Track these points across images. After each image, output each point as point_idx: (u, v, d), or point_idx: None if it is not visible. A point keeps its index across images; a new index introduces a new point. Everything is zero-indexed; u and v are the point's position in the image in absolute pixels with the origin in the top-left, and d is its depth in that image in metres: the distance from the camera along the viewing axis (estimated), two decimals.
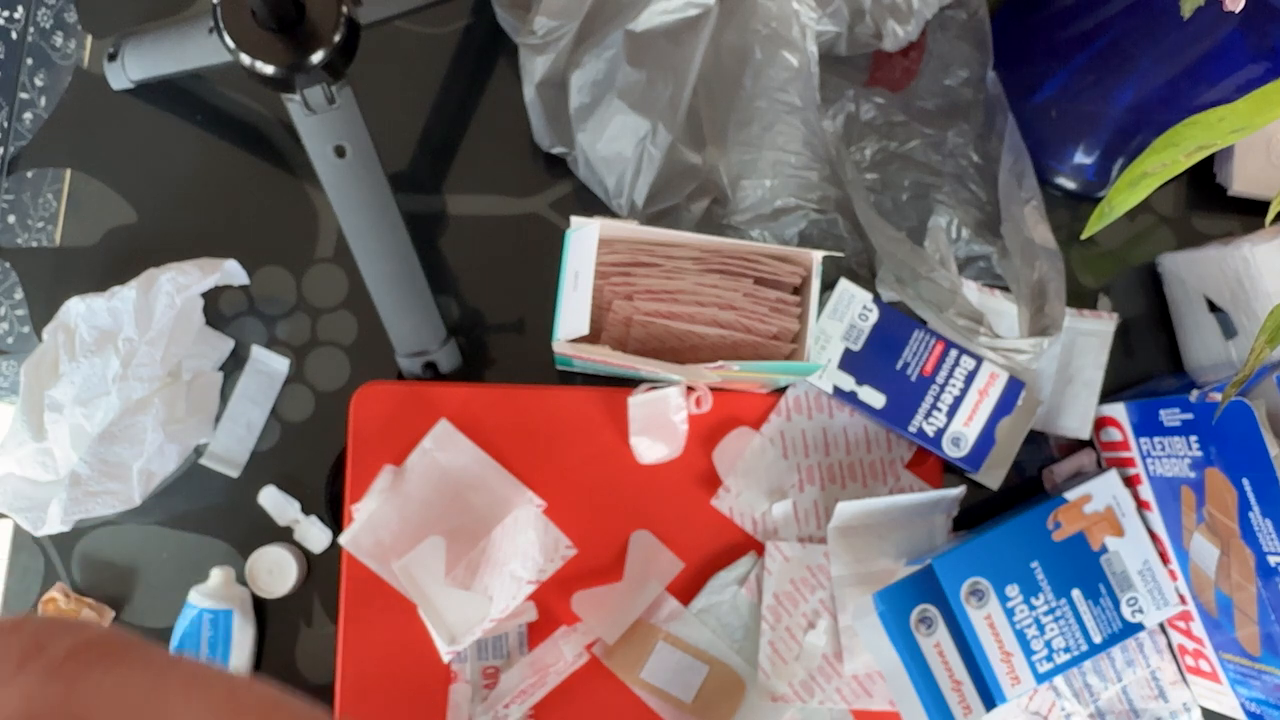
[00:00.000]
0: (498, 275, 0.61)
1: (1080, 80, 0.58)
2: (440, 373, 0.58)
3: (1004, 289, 0.60)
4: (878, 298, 0.58)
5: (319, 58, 0.49)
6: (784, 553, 0.57)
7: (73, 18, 0.63)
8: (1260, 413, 0.47)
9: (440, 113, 0.63)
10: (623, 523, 0.58)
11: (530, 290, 0.60)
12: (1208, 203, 0.64)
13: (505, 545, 0.55)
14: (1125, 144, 0.60)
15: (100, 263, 0.61)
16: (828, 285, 0.58)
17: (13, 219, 0.61)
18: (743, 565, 0.58)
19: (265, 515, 0.58)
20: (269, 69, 0.49)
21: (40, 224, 0.61)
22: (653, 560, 0.57)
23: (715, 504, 0.58)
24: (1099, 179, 0.62)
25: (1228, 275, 0.55)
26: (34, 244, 0.61)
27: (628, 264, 0.53)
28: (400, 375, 0.59)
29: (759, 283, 0.54)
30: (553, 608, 0.57)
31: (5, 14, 0.63)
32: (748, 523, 0.58)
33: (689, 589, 0.58)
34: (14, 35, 0.63)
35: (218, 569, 0.57)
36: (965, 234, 0.60)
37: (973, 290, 0.59)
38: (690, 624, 0.57)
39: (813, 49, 0.55)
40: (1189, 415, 0.51)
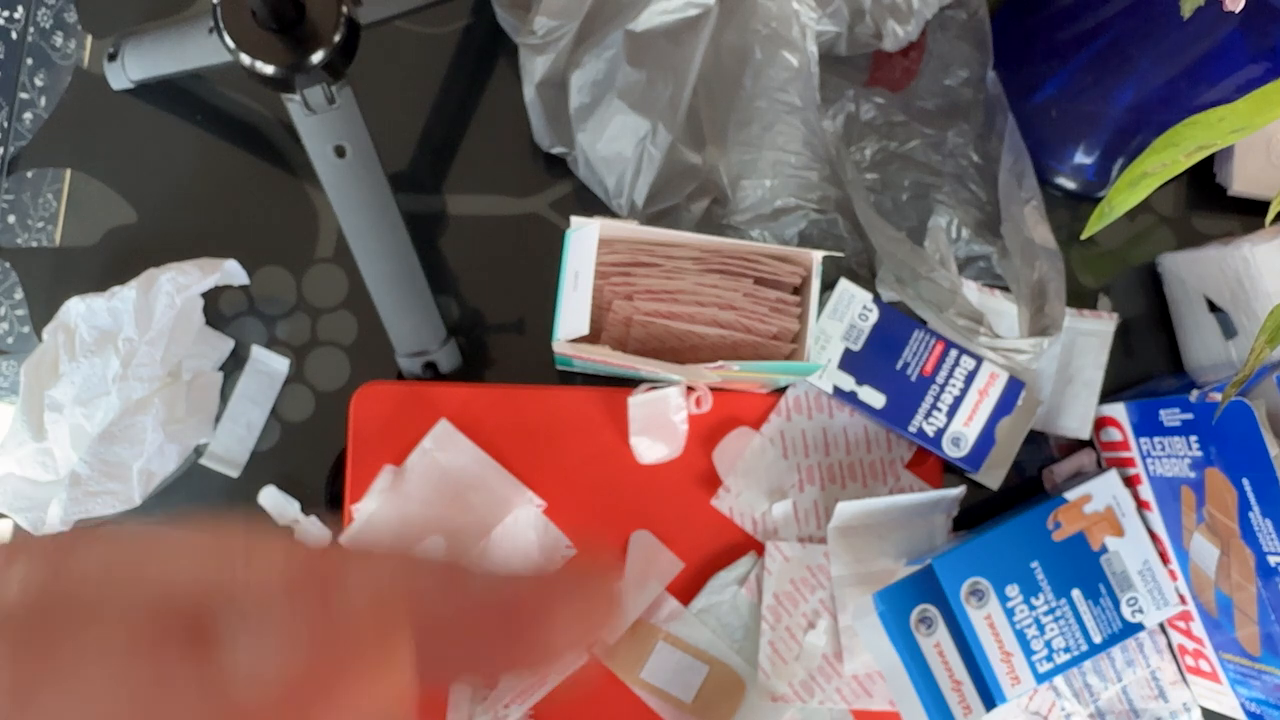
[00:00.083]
0: (498, 275, 0.61)
1: (1080, 80, 0.58)
2: (440, 373, 0.58)
3: (1004, 289, 0.60)
4: (878, 298, 0.58)
5: (319, 58, 0.49)
6: (784, 553, 0.57)
7: (73, 18, 0.63)
8: (1260, 413, 0.47)
9: (440, 113, 0.63)
10: (623, 523, 0.58)
11: (530, 290, 0.60)
12: (1208, 203, 0.64)
13: (505, 545, 0.55)
14: (1125, 144, 0.60)
15: (100, 263, 0.61)
16: (828, 285, 0.58)
17: (13, 219, 0.61)
18: (743, 565, 0.58)
19: (265, 515, 0.59)
20: (269, 69, 0.49)
21: (40, 224, 0.61)
22: (653, 560, 0.57)
23: (715, 504, 0.58)
24: (1099, 179, 0.62)
25: (1228, 275, 0.55)
26: (34, 244, 0.61)
27: (628, 264, 0.53)
28: (400, 375, 0.59)
29: (759, 283, 0.54)
30: None
31: (5, 14, 0.63)
32: (748, 523, 0.58)
33: (689, 589, 0.58)
34: (14, 35, 0.63)
35: None
36: (965, 234, 0.60)
37: (973, 290, 0.59)
38: (690, 624, 0.57)
39: (813, 49, 0.55)
40: (1189, 415, 0.51)
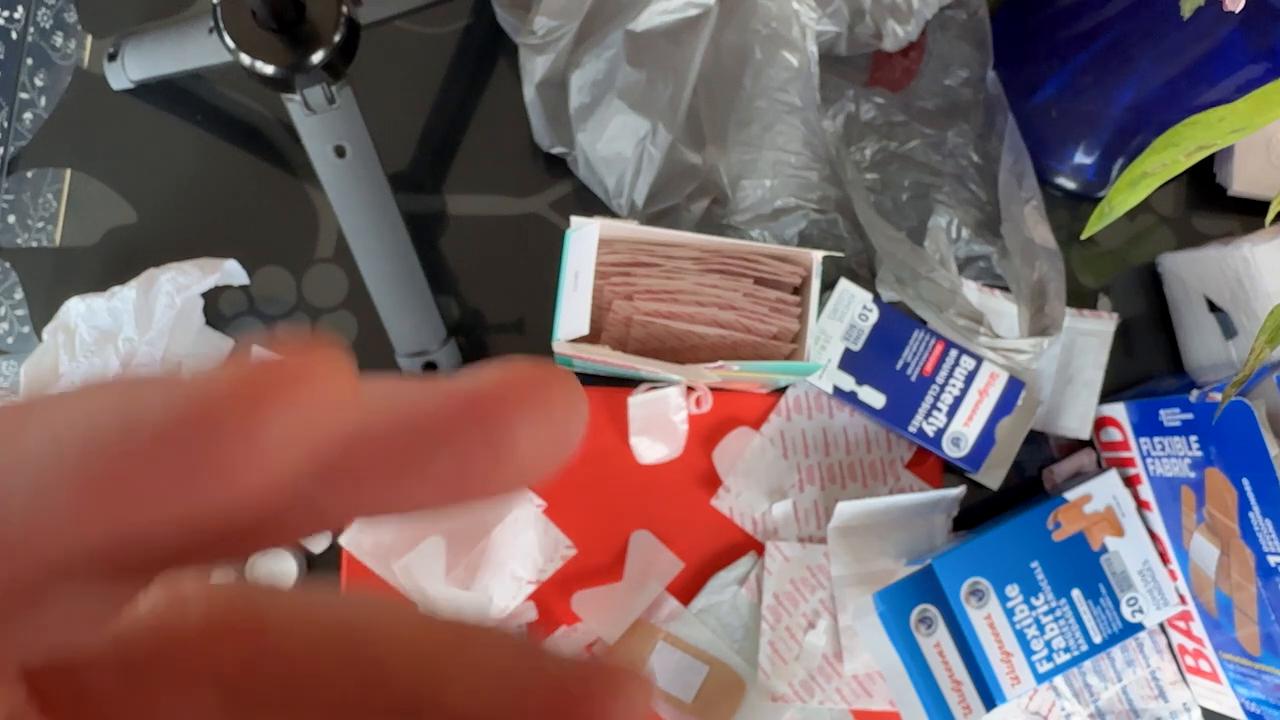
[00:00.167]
0: (498, 275, 0.61)
1: (1080, 80, 0.58)
2: (440, 373, 0.58)
3: (1004, 289, 0.60)
4: (878, 298, 0.58)
5: (319, 58, 0.49)
6: (784, 553, 0.57)
7: (73, 18, 0.63)
8: (1260, 413, 0.47)
9: (440, 113, 0.63)
10: (623, 523, 0.58)
11: (530, 290, 0.60)
12: (1208, 203, 0.64)
13: (505, 545, 0.55)
14: (1125, 144, 0.60)
15: (100, 263, 0.61)
16: (828, 285, 0.58)
17: (13, 219, 0.61)
18: (743, 565, 0.58)
19: None
20: (269, 69, 0.49)
21: (40, 224, 0.61)
22: (653, 560, 0.57)
23: (715, 504, 0.58)
24: (1099, 179, 0.62)
25: (1228, 275, 0.55)
26: (34, 244, 0.61)
27: (628, 264, 0.53)
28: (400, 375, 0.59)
29: (759, 283, 0.54)
30: (553, 608, 0.57)
31: (5, 14, 0.63)
32: (748, 523, 0.58)
33: (689, 589, 0.58)
34: (14, 35, 0.63)
35: (219, 569, 0.57)
36: (965, 234, 0.60)
37: (973, 290, 0.59)
38: (690, 624, 0.57)
39: (813, 49, 0.55)
40: (1189, 415, 0.51)
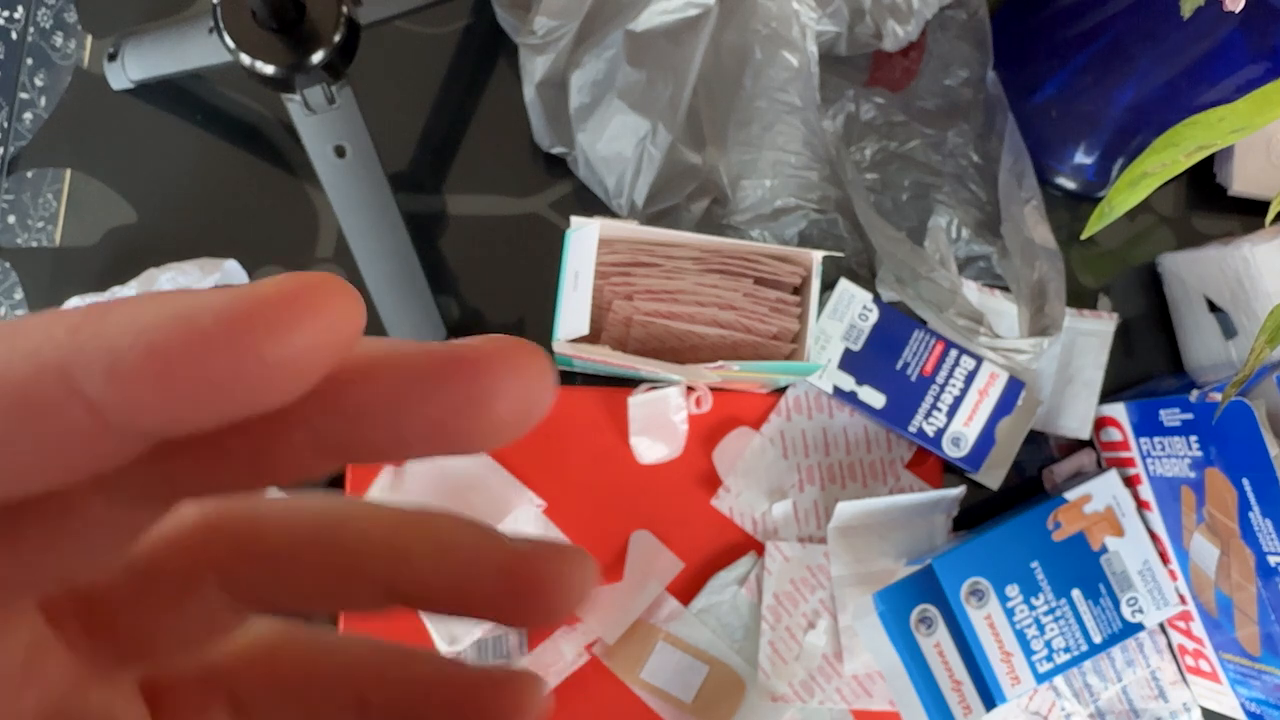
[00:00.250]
0: (498, 275, 0.61)
1: (1080, 80, 0.58)
2: None
3: (1004, 289, 0.60)
4: (878, 298, 0.58)
5: (319, 58, 0.49)
6: (784, 553, 0.57)
7: (73, 18, 0.63)
8: (1260, 413, 0.47)
9: (440, 113, 0.63)
10: (623, 523, 0.58)
11: (530, 290, 0.60)
12: (1208, 203, 0.64)
13: None
14: (1125, 144, 0.60)
15: (100, 263, 0.61)
16: (828, 285, 0.58)
17: (13, 219, 0.61)
18: (743, 565, 0.58)
19: None
20: (269, 69, 0.49)
21: (40, 224, 0.61)
22: (653, 560, 0.57)
23: (715, 504, 0.58)
24: (1099, 179, 0.62)
25: (1228, 275, 0.55)
26: (34, 244, 0.61)
27: (628, 264, 0.53)
28: None
29: (759, 283, 0.54)
30: None
31: (5, 14, 0.63)
32: (748, 523, 0.58)
33: (689, 589, 0.58)
34: (14, 35, 0.63)
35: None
36: (965, 234, 0.60)
37: (973, 290, 0.59)
38: (690, 624, 0.57)
39: (813, 49, 0.55)
40: (1189, 415, 0.51)
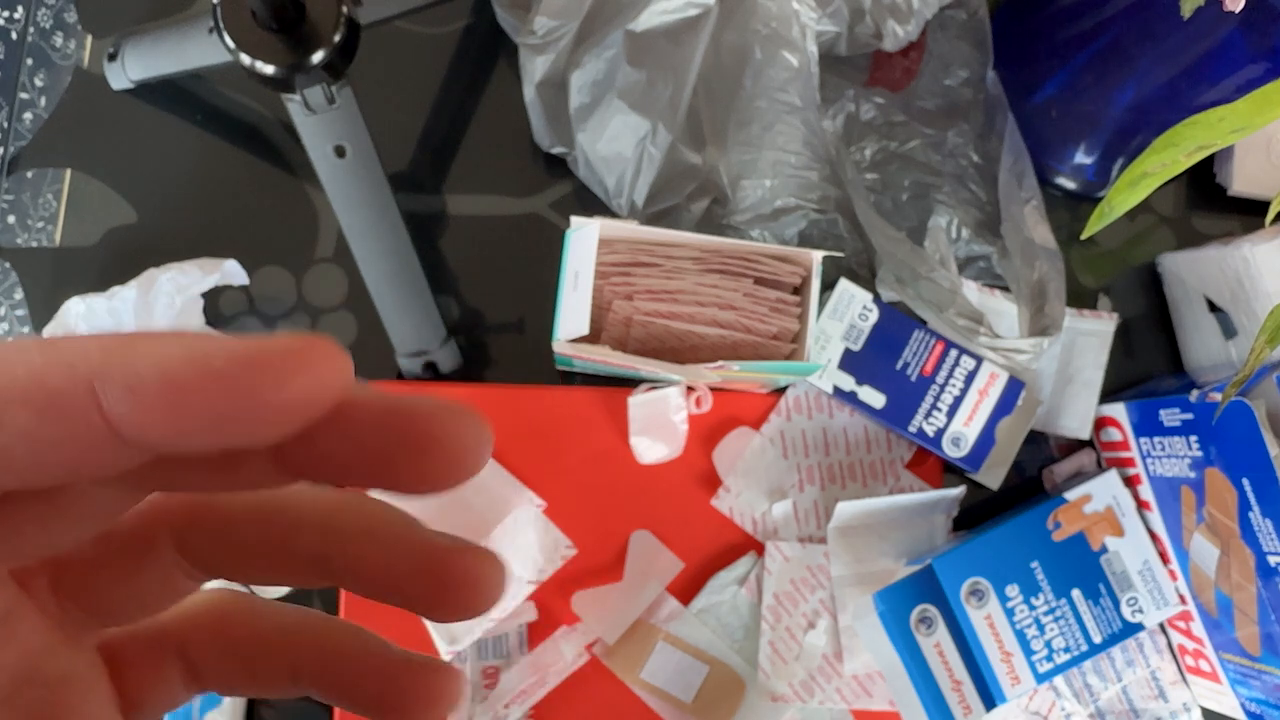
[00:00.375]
0: (498, 275, 0.61)
1: (1080, 80, 0.58)
2: (440, 373, 0.58)
3: (1004, 289, 0.60)
4: (878, 298, 0.58)
5: (319, 58, 0.49)
6: (784, 553, 0.57)
7: (73, 18, 0.63)
8: (1260, 413, 0.47)
9: (440, 113, 0.63)
10: (623, 523, 0.58)
11: (530, 290, 0.60)
12: (1208, 203, 0.64)
13: (505, 545, 0.55)
14: (1125, 144, 0.60)
15: (100, 263, 0.61)
16: (828, 285, 0.58)
17: (13, 219, 0.61)
18: (743, 565, 0.58)
19: None
20: (269, 69, 0.49)
21: (40, 224, 0.61)
22: (653, 560, 0.57)
23: (715, 504, 0.58)
24: (1099, 179, 0.62)
25: (1228, 275, 0.55)
26: (34, 244, 0.61)
27: (628, 264, 0.53)
28: (400, 375, 0.59)
29: (759, 283, 0.54)
30: (553, 608, 0.57)
31: (5, 14, 0.63)
32: (748, 523, 0.58)
33: (689, 589, 0.58)
34: (14, 35, 0.63)
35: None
36: (965, 234, 0.60)
37: (973, 290, 0.59)
38: (690, 624, 0.57)
39: (813, 49, 0.55)
40: (1189, 415, 0.51)
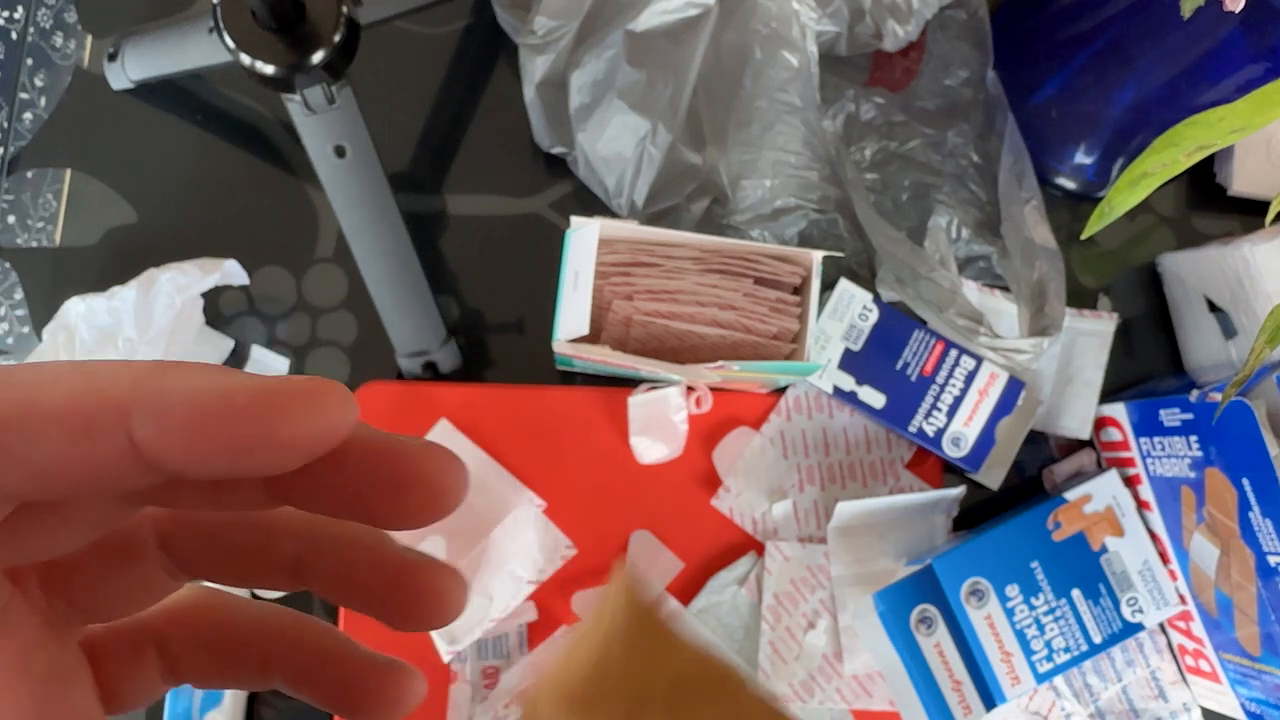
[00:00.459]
0: (498, 275, 0.61)
1: (1080, 80, 0.58)
2: (440, 373, 0.58)
3: (1004, 289, 0.60)
4: (878, 298, 0.58)
5: (319, 58, 0.49)
6: (784, 553, 0.57)
7: (73, 18, 0.63)
8: (1260, 413, 0.47)
9: (440, 113, 0.63)
10: (623, 523, 0.58)
11: (530, 290, 0.60)
12: (1208, 203, 0.64)
13: (505, 545, 0.55)
14: (1125, 144, 0.60)
15: (100, 263, 0.61)
16: (828, 285, 0.58)
17: (13, 219, 0.61)
18: (743, 565, 0.58)
19: None
20: (269, 69, 0.49)
21: (40, 224, 0.61)
22: (653, 560, 0.57)
23: (715, 504, 0.58)
24: (1099, 179, 0.62)
25: (1228, 275, 0.55)
26: (34, 244, 0.61)
27: (628, 264, 0.53)
28: (400, 375, 0.59)
29: (759, 283, 0.54)
30: (553, 608, 0.57)
31: (5, 14, 0.63)
32: (748, 523, 0.58)
33: (689, 589, 0.58)
34: (14, 35, 0.63)
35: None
36: (965, 234, 0.60)
37: (973, 290, 0.59)
38: (690, 624, 0.57)
39: (813, 49, 0.55)
40: (1189, 415, 0.51)
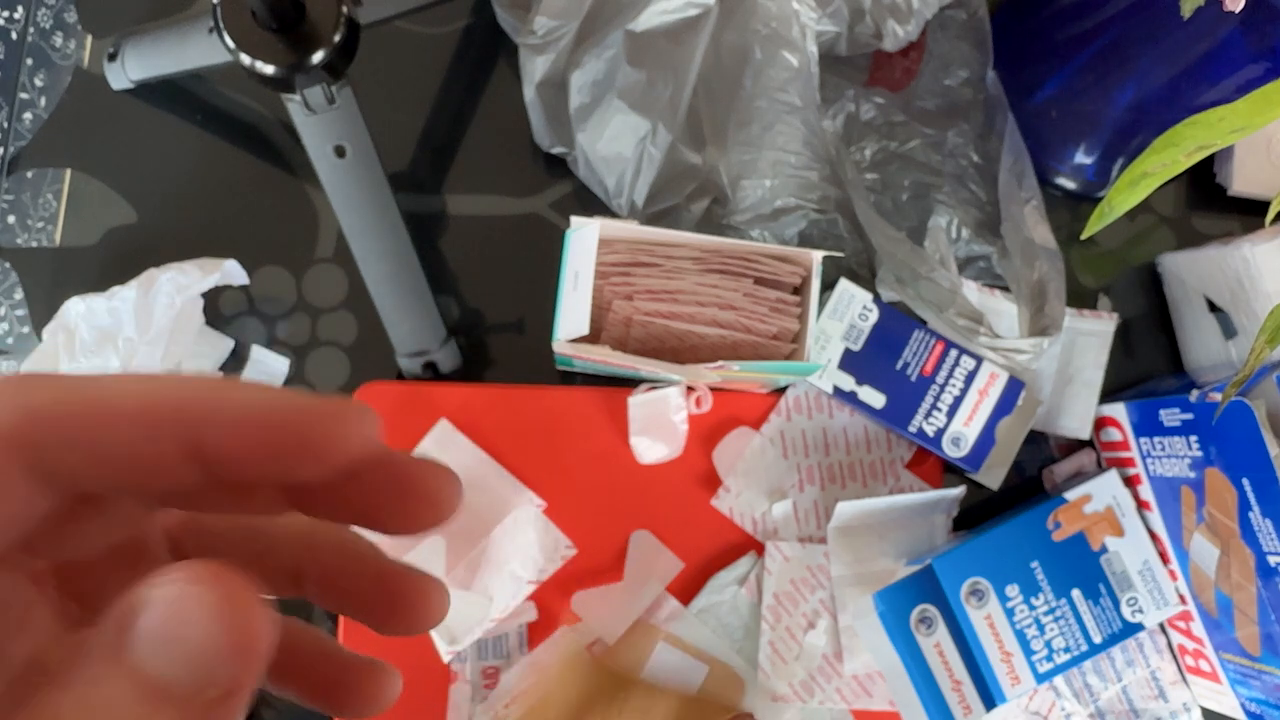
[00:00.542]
0: (498, 275, 0.61)
1: (1080, 80, 0.58)
2: (440, 373, 0.58)
3: (1004, 289, 0.60)
4: (878, 298, 0.58)
5: (319, 58, 0.49)
6: (784, 553, 0.57)
7: (73, 18, 0.63)
8: (1260, 413, 0.47)
9: (440, 113, 0.63)
10: (623, 523, 0.58)
11: (530, 290, 0.60)
12: (1208, 203, 0.64)
13: (505, 545, 0.55)
14: (1125, 144, 0.60)
15: (100, 263, 0.61)
16: (828, 285, 0.58)
17: (13, 219, 0.61)
18: (743, 565, 0.58)
19: None
20: (269, 69, 0.49)
21: (40, 224, 0.61)
22: (653, 560, 0.57)
23: (715, 504, 0.58)
24: (1099, 179, 0.62)
25: (1228, 275, 0.55)
26: (34, 244, 0.61)
27: (628, 264, 0.53)
28: (400, 375, 0.59)
29: (759, 283, 0.54)
30: (553, 608, 0.57)
31: (5, 14, 0.63)
32: (748, 523, 0.58)
33: (689, 589, 0.58)
34: (14, 35, 0.63)
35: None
36: (965, 234, 0.60)
37: (973, 290, 0.59)
38: (690, 624, 0.57)
39: (813, 49, 0.55)
40: (1189, 415, 0.51)
